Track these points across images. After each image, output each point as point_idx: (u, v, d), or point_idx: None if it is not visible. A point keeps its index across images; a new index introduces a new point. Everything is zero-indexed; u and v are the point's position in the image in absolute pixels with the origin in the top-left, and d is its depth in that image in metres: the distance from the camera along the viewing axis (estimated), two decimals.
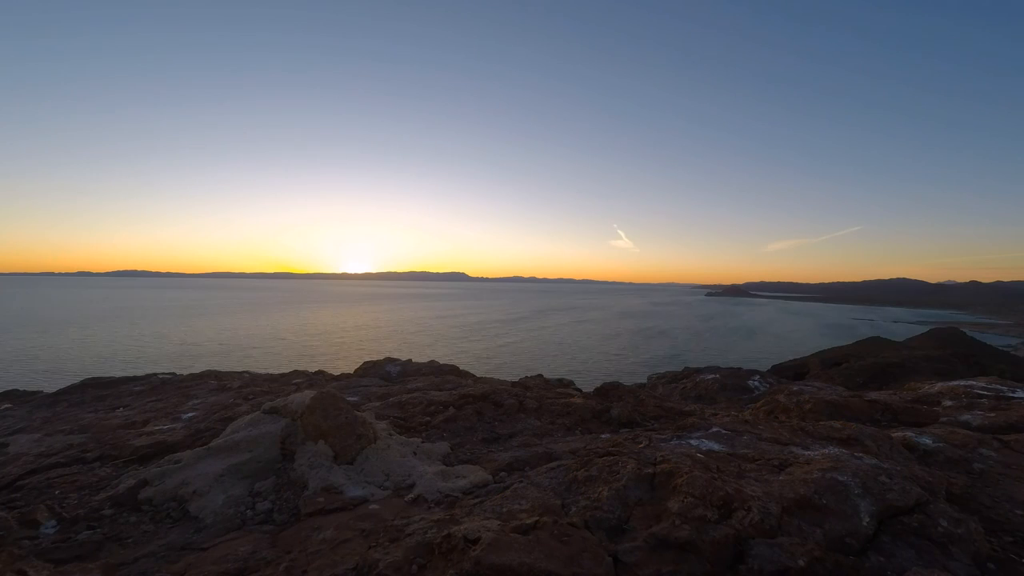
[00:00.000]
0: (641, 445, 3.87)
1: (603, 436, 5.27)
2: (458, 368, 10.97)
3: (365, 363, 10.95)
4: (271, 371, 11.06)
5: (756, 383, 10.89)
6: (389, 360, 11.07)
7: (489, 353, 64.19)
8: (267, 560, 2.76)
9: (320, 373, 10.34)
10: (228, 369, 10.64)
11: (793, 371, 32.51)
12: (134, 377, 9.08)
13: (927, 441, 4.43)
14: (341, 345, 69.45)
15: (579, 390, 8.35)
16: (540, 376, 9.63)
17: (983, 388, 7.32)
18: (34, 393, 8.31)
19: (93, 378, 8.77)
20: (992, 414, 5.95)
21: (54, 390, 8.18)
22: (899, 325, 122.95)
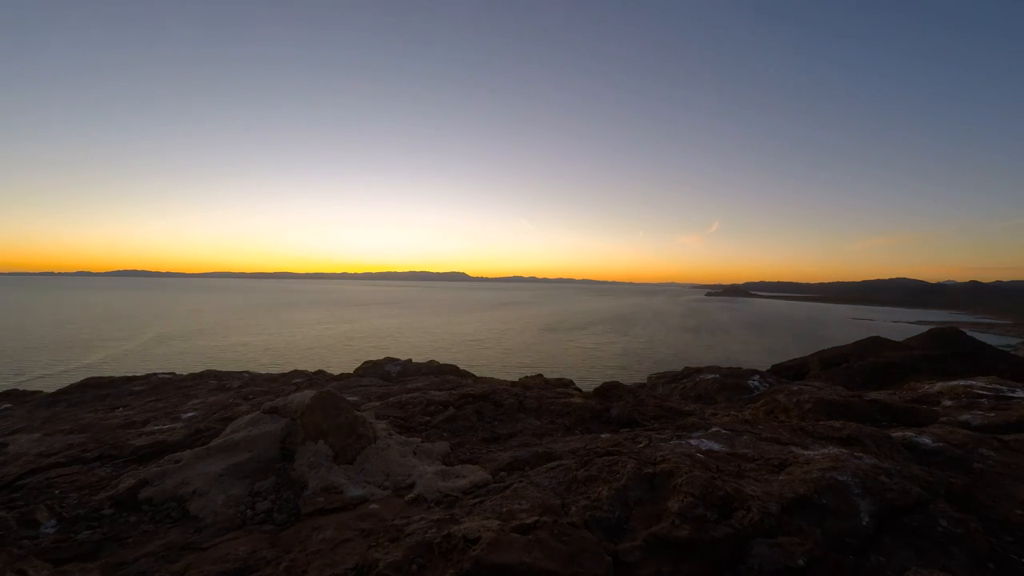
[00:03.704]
0: (641, 445, 3.87)
1: (603, 436, 5.27)
2: (458, 368, 10.98)
3: (365, 363, 10.96)
4: (271, 371, 11.07)
5: (756, 383, 10.89)
6: (389, 360, 11.07)
7: (489, 353, 64.19)
8: (267, 560, 2.76)
9: (320, 373, 10.35)
10: (228, 369, 10.65)
11: (793, 371, 32.46)
12: (134, 377, 9.08)
13: (927, 441, 4.43)
14: (341, 345, 69.46)
15: (579, 390, 8.35)
16: (540, 376, 9.63)
17: (983, 388, 7.33)
18: (34, 393, 8.31)
19: (93, 378, 8.77)
20: (992, 414, 5.96)
21: (54, 390, 8.18)
22: (899, 325, 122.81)
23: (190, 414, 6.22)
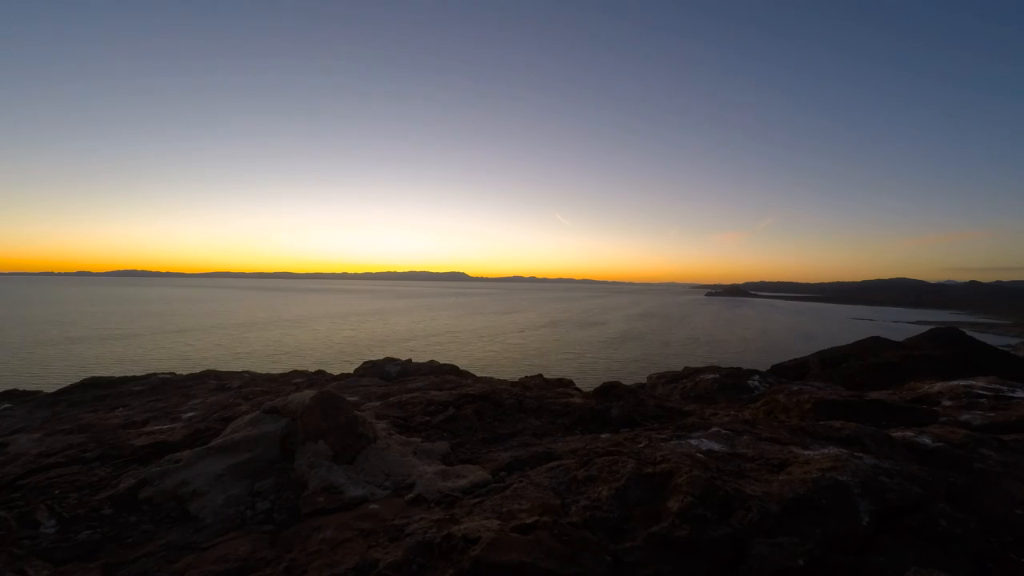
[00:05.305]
0: (641, 445, 3.88)
1: (603, 436, 5.27)
2: (458, 368, 10.97)
3: (365, 363, 10.95)
4: (271, 371, 11.07)
5: (756, 383, 10.88)
6: (389, 360, 11.07)
7: (489, 353, 64.21)
8: (267, 560, 2.76)
9: (320, 373, 10.34)
10: (228, 369, 10.64)
11: (793, 371, 32.51)
12: (134, 377, 9.07)
13: (927, 441, 4.43)
14: (341, 345, 69.48)
15: (579, 390, 8.34)
16: (540, 376, 9.62)
17: (983, 388, 7.32)
18: (34, 393, 8.30)
19: (93, 378, 8.76)
20: (992, 414, 5.96)
21: (54, 390, 8.18)
22: (899, 325, 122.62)
23: (190, 414, 6.21)
